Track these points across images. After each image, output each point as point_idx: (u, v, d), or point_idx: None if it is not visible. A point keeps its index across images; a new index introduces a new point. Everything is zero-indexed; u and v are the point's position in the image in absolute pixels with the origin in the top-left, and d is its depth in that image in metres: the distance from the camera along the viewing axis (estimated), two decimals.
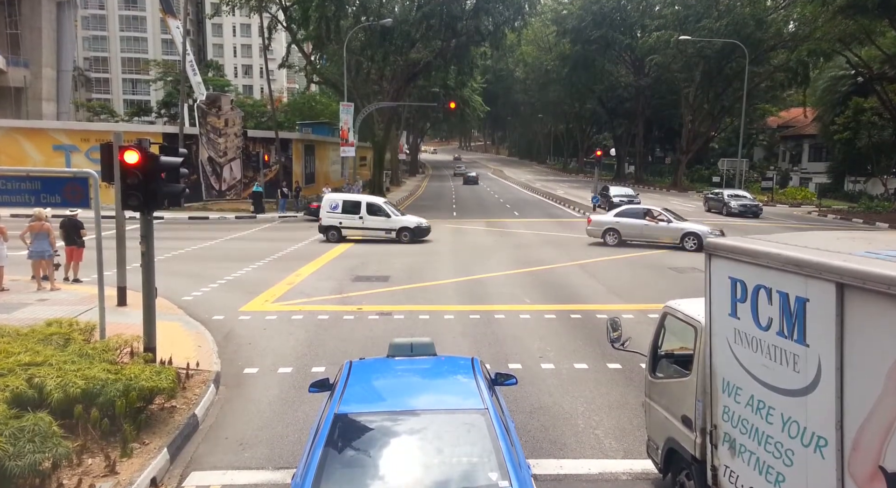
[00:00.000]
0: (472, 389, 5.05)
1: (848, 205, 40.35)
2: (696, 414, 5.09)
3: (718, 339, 4.69)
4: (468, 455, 4.39)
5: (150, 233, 8.60)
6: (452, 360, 6.49)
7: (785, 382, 4.04)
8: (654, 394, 5.94)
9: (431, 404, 4.98)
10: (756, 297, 4.22)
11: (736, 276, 4.44)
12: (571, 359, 9.67)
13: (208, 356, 9.54)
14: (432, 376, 5.80)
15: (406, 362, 5.89)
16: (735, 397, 4.54)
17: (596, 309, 12.84)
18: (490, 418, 4.58)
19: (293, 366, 9.32)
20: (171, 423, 7.07)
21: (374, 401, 5.07)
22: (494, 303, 13.37)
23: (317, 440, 4.44)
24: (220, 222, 29.59)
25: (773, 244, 4.32)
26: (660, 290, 14.60)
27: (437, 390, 5.42)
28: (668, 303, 5.80)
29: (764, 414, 4.28)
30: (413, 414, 4.77)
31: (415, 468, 4.27)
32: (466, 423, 4.59)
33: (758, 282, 4.20)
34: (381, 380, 5.57)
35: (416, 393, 5.33)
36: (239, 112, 37.76)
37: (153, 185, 8.25)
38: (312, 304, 13.16)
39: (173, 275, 15.84)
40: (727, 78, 50.56)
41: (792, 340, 3.95)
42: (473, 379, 5.24)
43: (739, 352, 4.46)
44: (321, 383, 5.82)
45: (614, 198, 34.08)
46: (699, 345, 5.09)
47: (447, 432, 4.57)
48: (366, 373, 5.55)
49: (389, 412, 4.80)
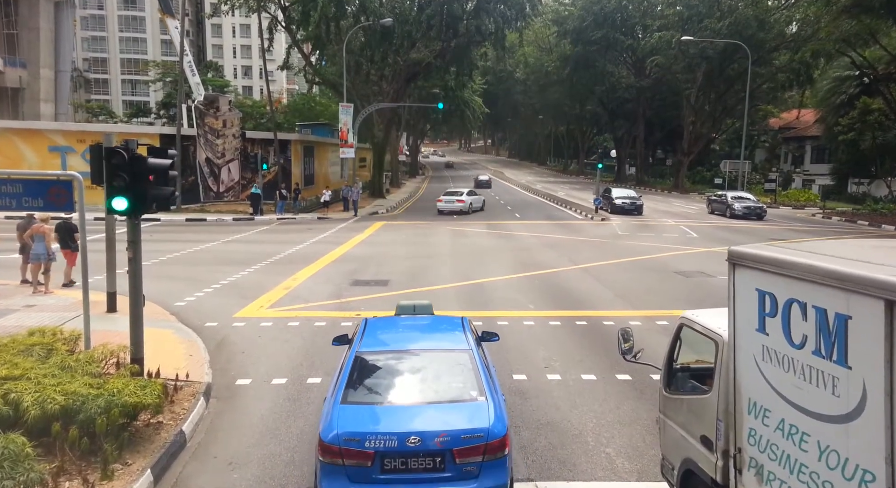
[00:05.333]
0: (460, 338, 6.45)
1: (852, 207, 39.95)
2: (718, 434, 4.72)
3: (744, 356, 4.33)
4: (455, 380, 5.75)
5: (137, 239, 8.21)
6: (447, 318, 7.81)
7: (822, 406, 3.66)
8: (669, 411, 5.56)
9: (428, 346, 6.42)
10: (788, 312, 3.87)
11: (764, 289, 4.07)
12: (578, 370, 9.27)
13: (199, 366, 9.15)
14: (430, 329, 7.18)
15: (409, 319, 7.47)
16: (763, 419, 4.19)
17: (602, 315, 12.44)
18: (473, 357, 5.97)
19: (288, 377, 8.93)
20: (157, 441, 6.68)
21: (384, 345, 6.46)
22: (497, 308, 12.98)
23: (343, 371, 5.88)
24: (217, 224, 29.21)
25: (806, 254, 3.95)
26: (668, 296, 14.25)
27: (433, 338, 6.82)
28: (684, 314, 5.44)
29: (797, 440, 3.90)
30: (414, 353, 6.20)
31: (415, 387, 5.76)
32: (455, 359, 5.99)
33: (790, 295, 3.84)
34: (389, 332, 6.95)
35: (417, 339, 6.72)
36: (237, 113, 37.39)
37: (140, 188, 7.87)
38: (309, 310, 12.77)
39: (167, 279, 15.45)
40: (729, 79, 50.22)
41: (830, 361, 3.57)
42: (462, 331, 6.64)
43: (768, 371, 4.09)
44: (342, 338, 7.27)
45: (616, 200, 33.78)
46: (721, 360, 4.72)
47: (440, 365, 5.97)
48: (377, 327, 6.94)
49: (396, 351, 6.26)
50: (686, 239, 24.72)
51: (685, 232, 26.91)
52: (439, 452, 5.01)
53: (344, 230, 27.03)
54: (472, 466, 5.02)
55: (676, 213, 35.45)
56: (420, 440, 5.00)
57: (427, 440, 5.01)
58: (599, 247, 22.47)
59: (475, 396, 5.46)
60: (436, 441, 5.01)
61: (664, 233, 26.26)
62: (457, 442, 5.01)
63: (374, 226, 28.23)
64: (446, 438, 5.01)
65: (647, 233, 26.26)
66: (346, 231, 26.65)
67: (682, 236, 25.54)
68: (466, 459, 5.01)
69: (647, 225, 29.47)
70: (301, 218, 31.97)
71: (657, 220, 31.33)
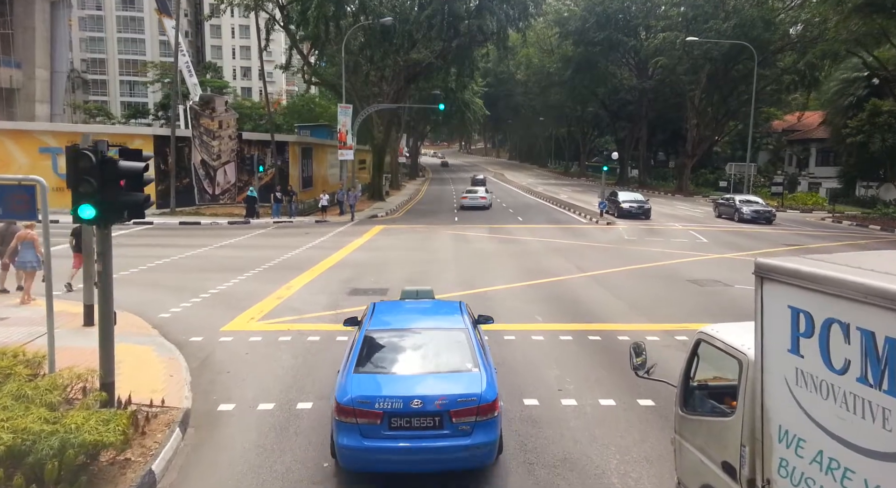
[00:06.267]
0: (458, 319, 7.21)
1: (861, 210, 39.10)
2: (742, 462, 4.27)
3: (773, 379, 3.90)
4: (453, 354, 6.46)
5: (107, 249, 7.39)
6: (446, 302, 8.82)
7: (870, 441, 3.23)
8: (686, 432, 5.14)
9: (430, 325, 7.16)
10: (827, 334, 3.44)
11: (798, 306, 3.65)
12: (595, 393, 8.45)
13: (179, 388, 8.33)
14: (431, 311, 8.00)
15: (413, 303, 8.32)
16: (797, 450, 3.74)
17: (616, 329, 11.61)
18: (469, 335, 6.70)
19: (276, 402, 8.10)
20: (122, 483, 5.84)
21: (390, 324, 7.16)
22: (503, 320, 12.12)
23: (354, 346, 6.60)
24: (211, 228, 28.37)
25: (849, 270, 3.48)
26: (684, 307, 13.41)
27: (434, 318, 7.53)
28: (703, 330, 5.03)
29: (838, 476, 3.44)
30: (417, 331, 6.94)
31: (418, 360, 6.50)
32: (452, 337, 6.72)
33: (829, 315, 3.42)
34: (394, 313, 7.67)
35: (419, 320, 7.43)
36: (233, 114, 36.60)
37: (110, 194, 7.05)
38: (303, 322, 11.95)
39: (153, 288, 14.64)
40: (733, 81, 49.47)
41: (880, 390, 3.14)
42: (460, 313, 7.42)
43: (803, 397, 3.65)
44: (352, 320, 8.08)
45: (623, 203, 32.80)
46: (746, 381, 4.29)
47: (440, 342, 6.71)
48: (384, 310, 7.72)
49: (401, 329, 7.03)
50: (696, 244, 23.89)
51: (694, 237, 26.07)
52: (438, 413, 5.74)
53: (342, 234, 26.20)
54: (466, 425, 5.75)
55: (682, 217, 34.61)
56: (422, 403, 5.73)
57: (428, 403, 5.73)
58: (607, 252, 21.64)
59: (470, 368, 6.24)
60: (436, 403, 5.73)
61: (672, 238, 25.43)
62: (453, 405, 5.74)
63: (372, 230, 27.40)
64: (445, 401, 5.74)
65: (655, 238, 25.43)
66: (344, 235, 25.83)
67: (692, 241, 24.71)
68: (461, 419, 5.75)
69: (654, 229, 28.63)
70: (298, 221, 31.13)
71: (664, 224, 30.49)
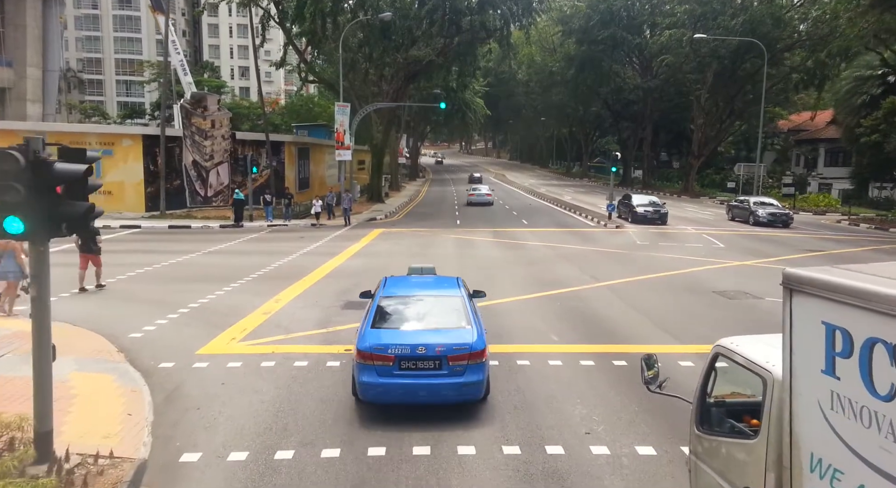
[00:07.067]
0: (456, 290, 8.93)
1: (876, 212, 37.80)
2: None
3: (804, 402, 3.51)
4: (451, 315, 8.18)
5: (43, 272, 6.09)
6: (446, 278, 10.18)
7: None
8: (702, 453, 4.77)
9: (432, 293, 8.94)
10: (869, 355, 3.07)
11: (834, 323, 3.27)
12: (631, 438, 7.14)
13: (137, 432, 7.02)
14: (433, 284, 9.62)
15: (418, 277, 10.15)
16: (832, 481, 3.34)
17: (644, 352, 10.28)
18: (464, 301, 8.48)
19: (251, 449, 6.79)
20: None
21: (400, 293, 8.87)
22: (514, 341, 10.85)
23: (370, 310, 8.26)
24: (202, 232, 27.06)
25: (890, 282, 3.08)
26: (717, 324, 12.03)
27: (435, 289, 9.21)
28: (720, 342, 4.70)
29: None
30: (421, 298, 8.76)
31: (422, 319, 8.21)
32: (450, 302, 8.51)
33: (872, 334, 3.04)
34: (403, 285, 9.37)
35: (424, 289, 9.15)
36: (227, 112, 35.32)
37: (43, 204, 5.76)
38: (289, 343, 10.65)
39: (128, 302, 13.35)
40: (740, 80, 48.20)
41: None
42: (457, 286, 9.16)
43: (840, 425, 3.27)
44: (366, 293, 9.77)
45: (638, 207, 30.88)
46: (771, 402, 3.90)
47: (439, 305, 8.51)
48: (395, 282, 9.44)
49: (409, 295, 8.84)
50: (713, 250, 22.58)
51: (710, 241, 24.75)
52: (438, 358, 7.28)
53: (338, 239, 24.90)
54: (459, 367, 7.29)
55: (693, 220, 33.28)
56: (425, 349, 7.30)
57: (430, 350, 7.30)
58: (620, 259, 20.32)
59: (464, 325, 7.87)
60: (436, 350, 7.29)
61: (687, 243, 24.11)
62: (450, 352, 7.30)
63: (371, 235, 26.09)
64: (443, 349, 7.31)
65: (669, 243, 24.12)
66: (341, 240, 24.53)
67: (708, 247, 23.39)
68: (456, 363, 7.28)
69: (666, 233, 27.30)
70: (293, 225, 29.81)
71: (676, 228, 29.15)
